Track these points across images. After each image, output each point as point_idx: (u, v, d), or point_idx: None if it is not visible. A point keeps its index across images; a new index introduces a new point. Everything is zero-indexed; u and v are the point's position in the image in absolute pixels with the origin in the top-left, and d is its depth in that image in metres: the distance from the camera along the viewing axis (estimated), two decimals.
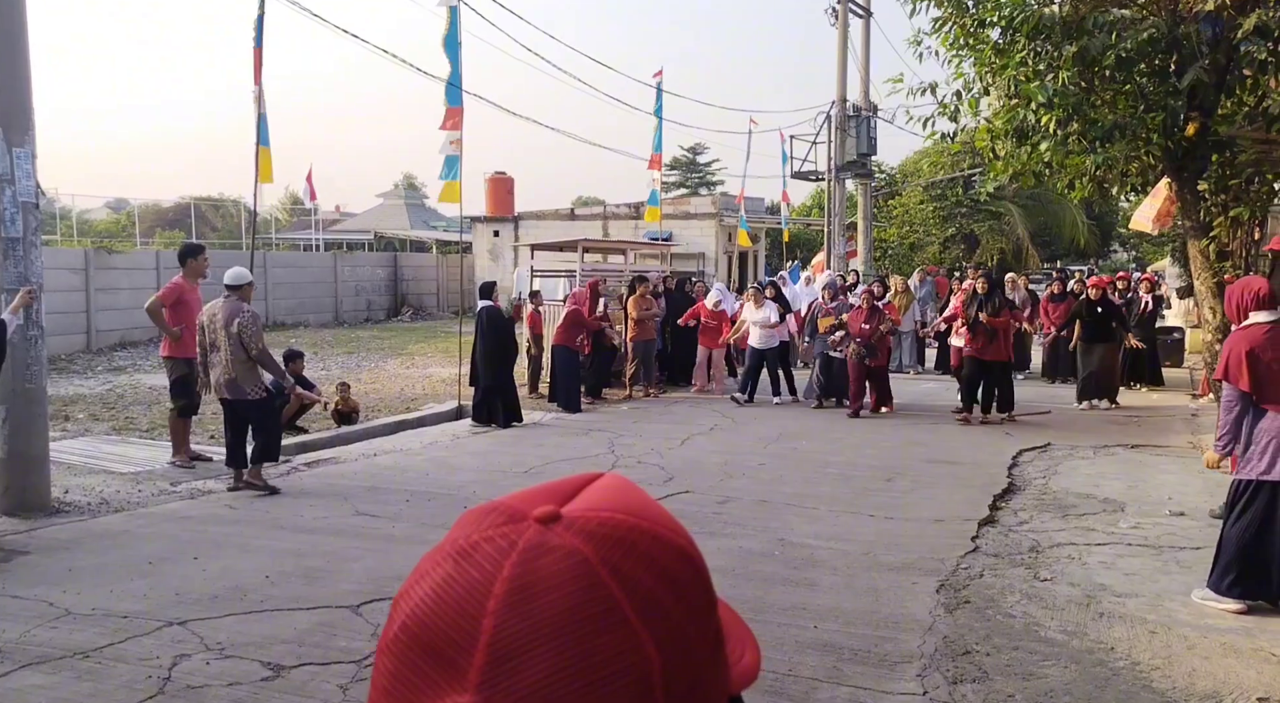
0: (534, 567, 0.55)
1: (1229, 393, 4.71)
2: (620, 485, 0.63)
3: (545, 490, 0.62)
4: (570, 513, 0.58)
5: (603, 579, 0.54)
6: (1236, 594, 4.68)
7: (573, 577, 0.54)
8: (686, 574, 0.59)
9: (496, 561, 0.56)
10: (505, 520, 0.58)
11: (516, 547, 0.56)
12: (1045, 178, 6.70)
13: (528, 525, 0.57)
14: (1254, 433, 4.65)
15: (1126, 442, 9.19)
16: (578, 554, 0.55)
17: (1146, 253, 38.82)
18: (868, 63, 21.60)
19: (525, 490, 0.62)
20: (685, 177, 52.70)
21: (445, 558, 0.58)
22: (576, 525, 0.57)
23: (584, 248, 19.52)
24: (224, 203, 42.58)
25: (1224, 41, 5.90)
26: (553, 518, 0.57)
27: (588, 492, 0.61)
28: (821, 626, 4.61)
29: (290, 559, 5.50)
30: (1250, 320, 4.74)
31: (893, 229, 31.79)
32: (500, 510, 0.59)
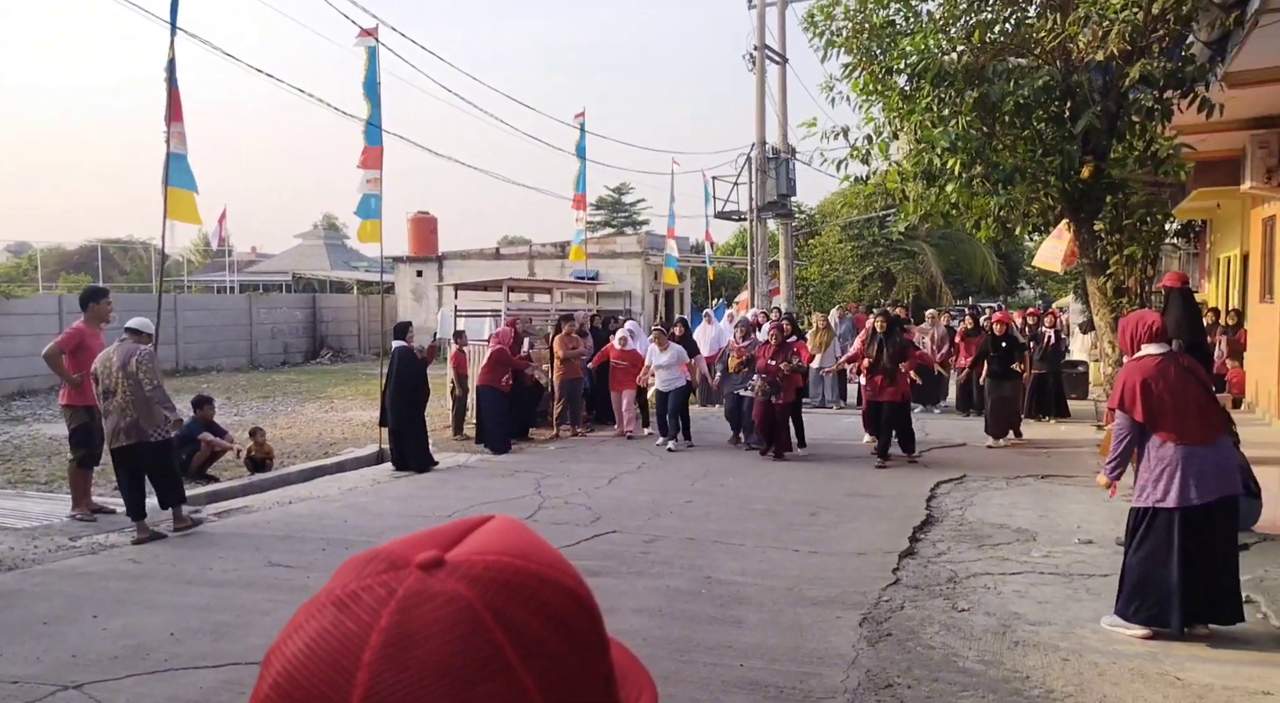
0: (413, 615, 0.53)
1: (1121, 421, 4.86)
2: (509, 527, 0.61)
3: (430, 535, 0.60)
4: (455, 558, 0.56)
5: (486, 625, 0.53)
6: (1141, 620, 4.82)
7: (454, 624, 0.53)
8: (576, 617, 0.57)
9: (374, 610, 0.54)
10: (385, 568, 0.56)
11: (395, 595, 0.54)
12: (953, 218, 6.95)
13: (409, 572, 0.55)
14: (1147, 462, 4.82)
15: (1037, 472, 9.47)
16: (460, 600, 0.54)
17: (1052, 289, 40.45)
18: (785, 107, 22.23)
19: (410, 536, 0.60)
20: (611, 216, 53.11)
21: (320, 610, 0.56)
22: (461, 570, 0.55)
23: (509, 287, 19.45)
24: (133, 245, 41.24)
25: (1113, 89, 6.24)
26: (436, 564, 0.56)
27: (475, 535, 0.60)
28: (747, 664, 4.60)
29: (197, 615, 5.27)
30: (1142, 352, 4.92)
31: (813, 267, 32.51)
32: (381, 557, 0.57)
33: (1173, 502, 4.70)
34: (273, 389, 19.41)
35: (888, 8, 6.99)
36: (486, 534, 0.60)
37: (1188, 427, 4.73)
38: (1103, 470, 5.11)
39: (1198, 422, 4.75)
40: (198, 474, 9.78)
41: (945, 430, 12.46)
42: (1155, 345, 4.92)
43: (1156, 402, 4.74)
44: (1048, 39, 6.17)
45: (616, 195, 52.78)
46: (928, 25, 6.78)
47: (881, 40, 6.60)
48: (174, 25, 8.70)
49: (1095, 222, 6.50)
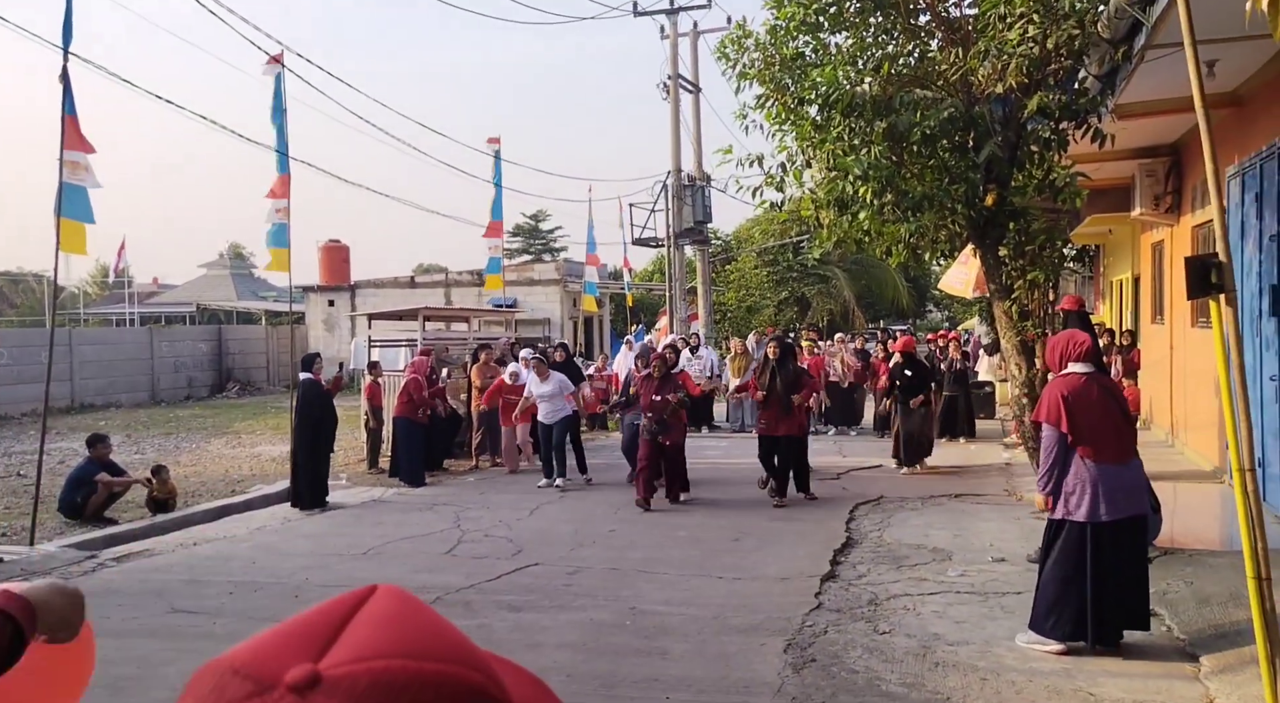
0: None
1: (1048, 435, 4.96)
2: (396, 611, 0.52)
3: (299, 632, 0.50)
4: (332, 672, 0.47)
5: None
6: (1058, 636, 4.93)
7: None
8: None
9: None
10: (251, 692, 0.47)
11: None
12: (865, 245, 7.11)
13: (279, 697, 0.46)
14: (1067, 475, 4.93)
15: (950, 492, 9.70)
16: None
17: (957, 312, 41.83)
18: (700, 134, 22.55)
19: (274, 634, 0.51)
20: (528, 243, 52.98)
21: None
22: (341, 689, 0.46)
23: (425, 316, 19.18)
24: (24, 277, 39.30)
25: (1013, 120, 6.49)
26: (310, 683, 0.46)
27: (355, 626, 0.51)
28: (674, 696, 4.55)
29: (97, 668, 4.95)
30: (1069, 369, 5.06)
31: (731, 293, 32.95)
32: (244, 674, 0.48)
33: (1083, 516, 4.84)
34: (176, 425, 18.63)
35: (796, 39, 7.14)
36: (368, 627, 0.50)
37: (1105, 445, 4.88)
38: (1036, 487, 5.16)
39: (1115, 441, 4.92)
40: (95, 517, 9.27)
41: (862, 453, 12.69)
42: (1081, 365, 5.05)
43: (1079, 418, 4.86)
44: (950, 72, 6.39)
45: (534, 222, 52.72)
46: (836, 57, 6.95)
47: (792, 72, 6.75)
48: (66, 48, 8.34)
49: (1000, 247, 6.74)
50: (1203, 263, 3.45)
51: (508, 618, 5.84)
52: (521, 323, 24.88)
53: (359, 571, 7.13)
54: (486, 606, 6.11)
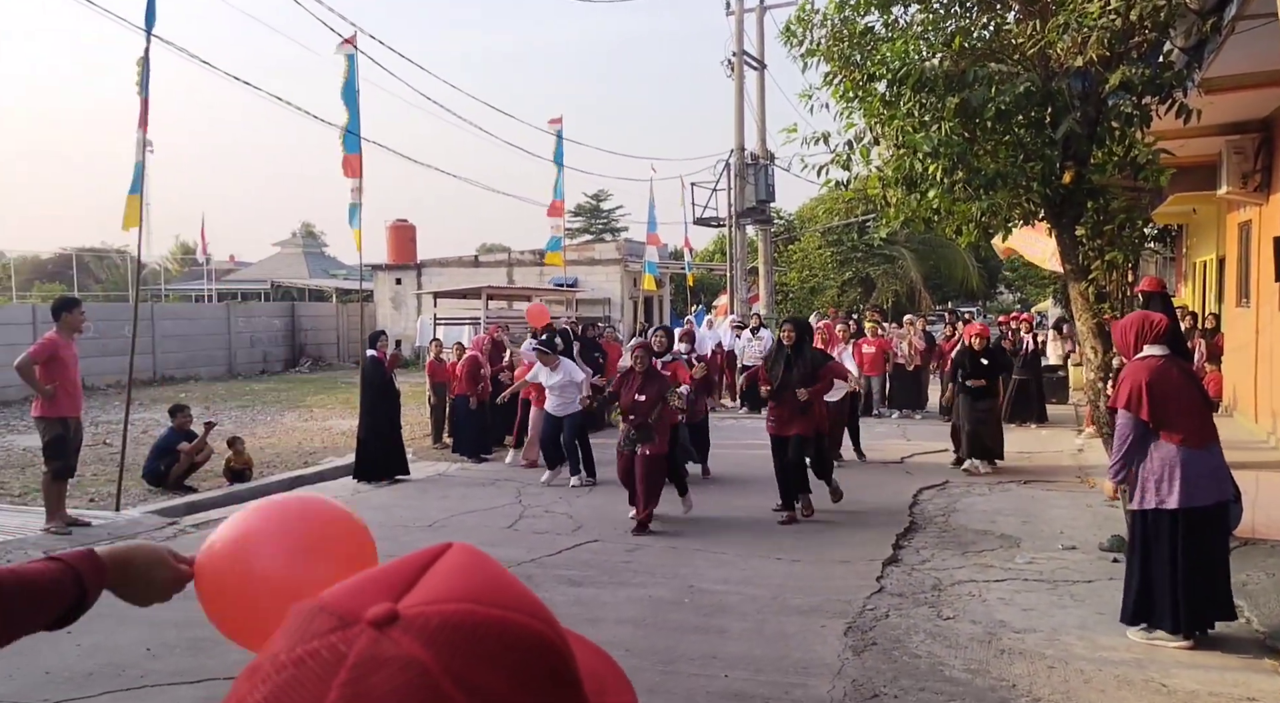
0: (367, 687, 0.48)
1: (1124, 422, 4.78)
2: (469, 563, 0.57)
3: (381, 578, 0.55)
4: (408, 611, 0.52)
5: (445, 693, 0.48)
6: (1167, 627, 4.75)
7: (410, 694, 0.48)
8: (545, 663, 0.54)
9: (323, 680, 0.49)
10: (335, 626, 0.51)
11: (346, 662, 0.49)
12: (934, 224, 6.95)
13: (359, 631, 0.50)
14: (1149, 463, 4.75)
15: (1020, 478, 9.50)
16: (416, 665, 0.49)
17: (1030, 294, 40.75)
18: (764, 112, 22.28)
19: (359, 578, 0.55)
20: (590, 222, 53.12)
21: (265, 679, 0.51)
22: (415, 626, 0.51)
23: (488, 295, 19.44)
24: (108, 253, 40.79)
25: (1093, 95, 6.26)
26: (388, 619, 0.51)
27: (431, 575, 0.55)
28: (733, 674, 4.56)
29: (173, 630, 5.16)
30: (1145, 352, 4.86)
31: (793, 273, 32.62)
32: (329, 612, 0.52)
33: (1175, 502, 4.65)
34: (252, 398, 19.21)
35: (866, 15, 7.00)
36: (444, 575, 0.55)
37: (1190, 430, 4.71)
38: (1107, 475, 4.98)
39: (1199, 425, 4.75)
40: (177, 485, 9.64)
41: (927, 436, 12.49)
42: (1158, 347, 4.86)
43: (1161, 403, 4.69)
44: (1027, 45, 6.19)
45: (595, 202, 52.82)
46: (907, 32, 6.79)
47: (861, 48, 6.61)
48: (149, 32, 8.59)
49: (1077, 227, 6.53)
50: None
51: (568, 592, 5.92)
52: (582, 302, 25.01)
53: (424, 542, 7.12)
54: (547, 580, 6.20)
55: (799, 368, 7.65)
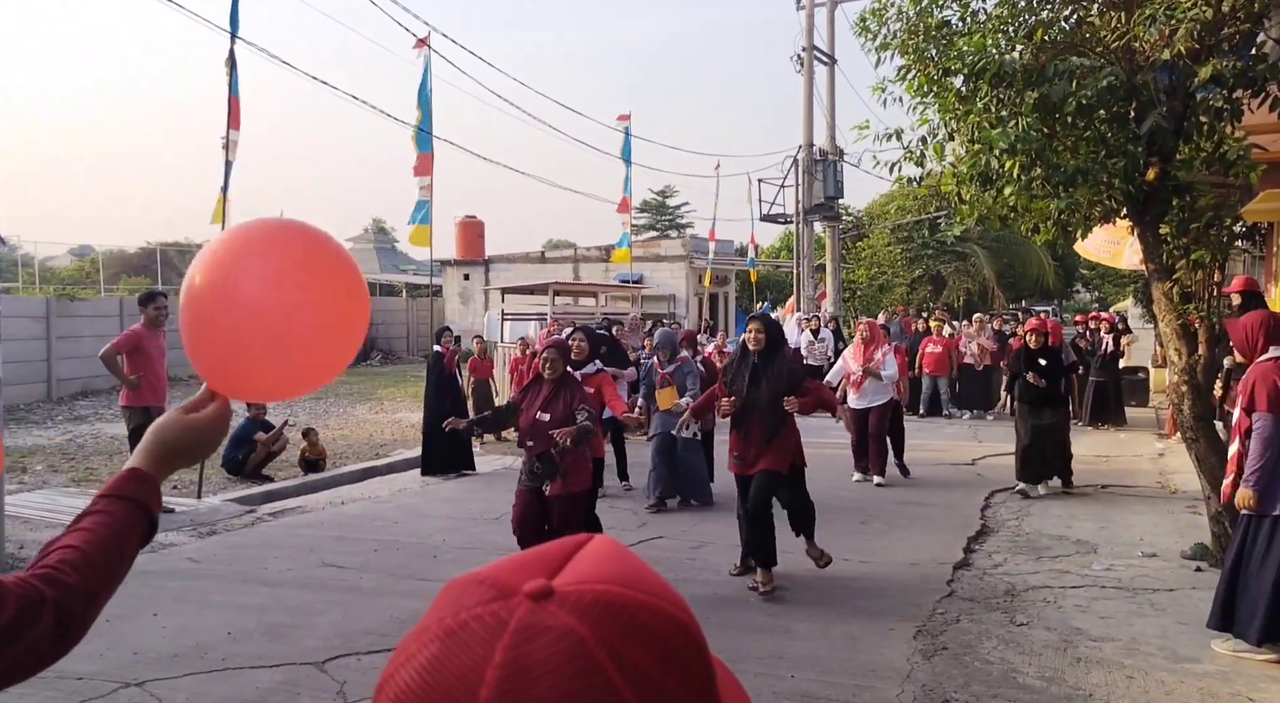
0: (528, 650, 0.52)
1: (1270, 424, 4.49)
2: (612, 552, 0.60)
3: (533, 559, 0.58)
4: (562, 587, 0.55)
5: (600, 663, 0.52)
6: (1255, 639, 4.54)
7: (569, 660, 0.51)
8: (686, 650, 0.56)
9: (487, 643, 0.52)
10: (494, 596, 0.55)
11: (508, 627, 0.53)
12: (1010, 221, 6.79)
13: (519, 602, 0.54)
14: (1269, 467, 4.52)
15: (1097, 482, 9.23)
16: (573, 635, 0.52)
17: (1109, 293, 39.53)
18: (833, 108, 22.02)
19: (511, 559, 0.59)
20: (655, 219, 53.12)
21: (432, 640, 0.54)
22: (570, 601, 0.54)
23: (554, 290, 19.60)
24: (191, 248, 42.22)
25: (1181, 89, 6.04)
26: (545, 594, 0.54)
27: (578, 560, 0.58)
28: (799, 675, 4.53)
29: (253, 614, 5.34)
30: (1273, 353, 4.66)
31: (861, 271, 32.14)
32: (488, 584, 0.56)
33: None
34: (324, 391, 19.71)
35: (944, 8, 6.86)
36: (591, 560, 0.58)
37: None
38: (1246, 484, 4.58)
39: None
40: (254, 474, 9.95)
41: (999, 438, 12.22)
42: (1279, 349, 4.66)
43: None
44: (1111, 38, 5.99)
45: (661, 199, 52.79)
46: (985, 25, 6.64)
47: (937, 41, 6.48)
48: (234, 33, 8.86)
49: (1161, 225, 6.30)
50: None
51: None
52: (647, 299, 25.04)
53: (492, 534, 7.39)
54: None
55: (769, 382, 5.77)
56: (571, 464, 5.62)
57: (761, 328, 5.96)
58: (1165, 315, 6.28)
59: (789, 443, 5.93)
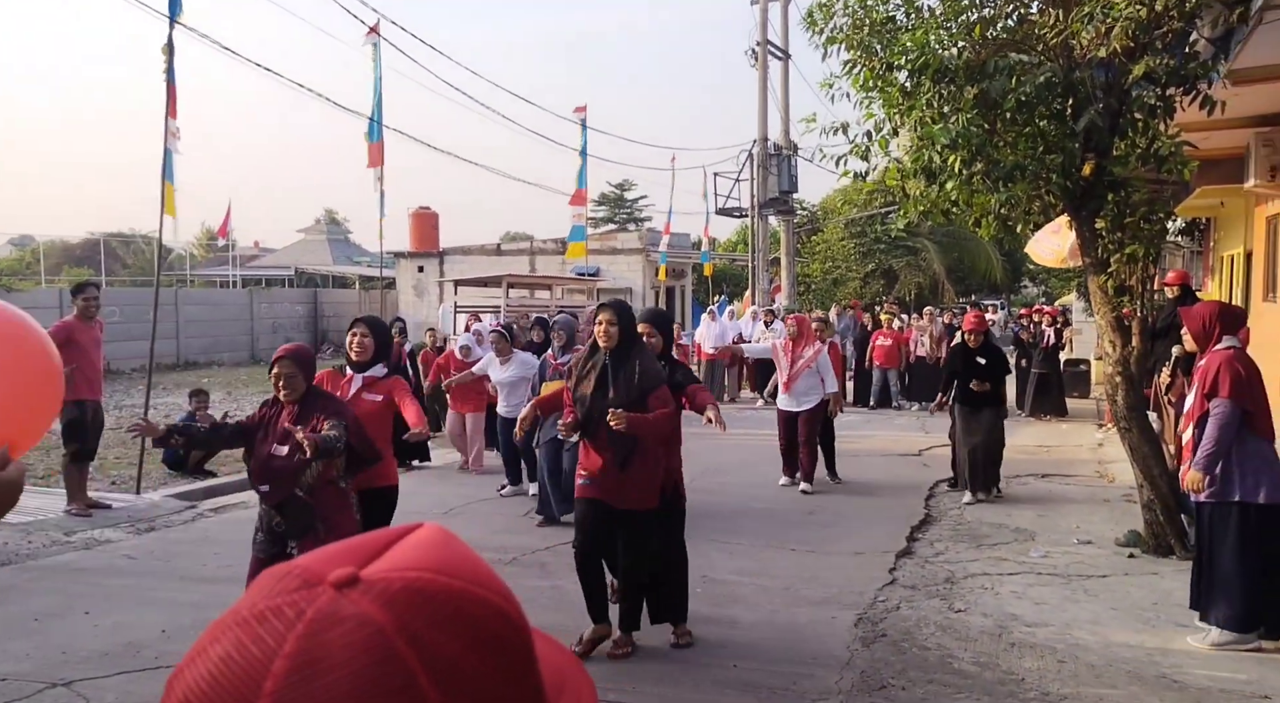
0: (321, 640, 0.50)
1: (1229, 411, 4.54)
2: (436, 539, 0.58)
3: (350, 548, 0.57)
4: (371, 575, 0.53)
5: (398, 652, 0.50)
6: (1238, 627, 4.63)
7: (364, 650, 0.50)
8: (501, 635, 0.55)
9: (280, 634, 0.51)
10: (299, 585, 0.53)
11: (304, 616, 0.51)
12: (953, 215, 6.88)
13: (321, 591, 0.52)
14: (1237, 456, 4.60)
15: (1037, 471, 9.43)
16: (371, 624, 0.51)
17: (1054, 287, 40.34)
18: (787, 103, 22.15)
19: (331, 547, 0.58)
20: (613, 212, 53.06)
21: (226, 631, 0.53)
22: (375, 589, 0.52)
23: (509, 283, 19.47)
24: (135, 239, 41.27)
25: (1116, 86, 6.17)
26: (350, 581, 0.53)
27: (398, 548, 0.57)
28: (741, 664, 4.57)
29: (190, 612, 5.24)
30: (1226, 343, 4.72)
31: (815, 264, 32.43)
32: (295, 574, 0.54)
33: (1264, 497, 4.52)
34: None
35: (888, 3, 6.92)
36: (409, 548, 0.57)
37: (1269, 424, 4.62)
38: (1196, 467, 4.62)
39: (1270, 418, 4.67)
40: (196, 469, 9.75)
41: (946, 430, 12.40)
42: (1235, 339, 4.75)
43: (1255, 395, 4.57)
44: (1050, 35, 6.10)
45: (619, 191, 52.73)
46: (929, 21, 6.71)
47: (882, 36, 6.54)
48: (173, 18, 8.65)
49: (1097, 219, 6.44)
50: None
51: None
52: (604, 291, 25.00)
53: None
54: (561, 568, 6.22)
55: (622, 386, 4.51)
56: (329, 508, 4.11)
57: (613, 319, 4.61)
58: (1100, 308, 6.42)
59: (653, 470, 4.56)
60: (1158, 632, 4.91)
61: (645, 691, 4.27)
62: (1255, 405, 4.58)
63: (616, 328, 4.64)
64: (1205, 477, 4.60)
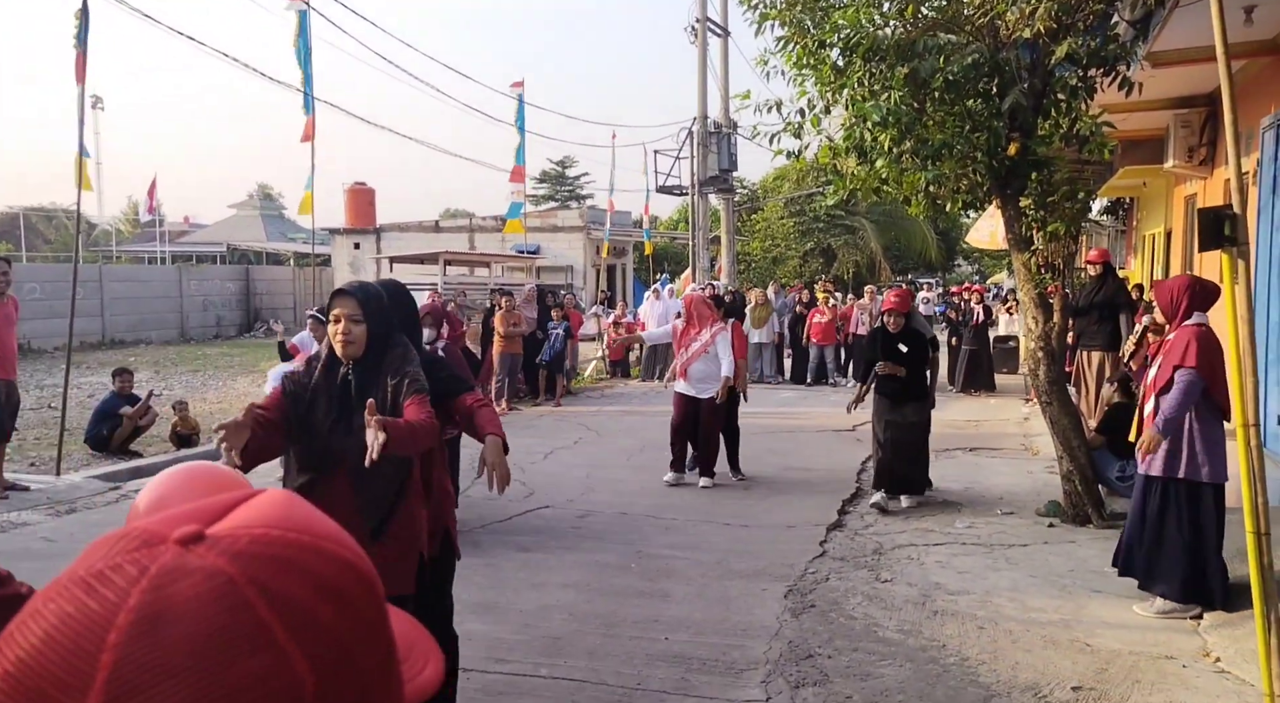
0: (167, 593, 0.49)
1: (1194, 381, 4.57)
2: (280, 501, 0.58)
3: (193, 511, 0.56)
4: (216, 532, 0.53)
5: (248, 600, 0.50)
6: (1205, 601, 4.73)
7: (213, 600, 0.50)
8: (351, 588, 0.55)
9: (123, 590, 0.50)
10: (139, 545, 0.53)
11: (149, 572, 0.50)
12: (884, 193, 6.99)
13: (165, 549, 0.52)
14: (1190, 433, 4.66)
15: (965, 445, 9.67)
16: (220, 575, 0.50)
17: (988, 266, 41.25)
18: (727, 80, 22.14)
19: (171, 512, 0.56)
20: (554, 189, 52.67)
21: (62, 592, 0.51)
22: (222, 545, 0.52)
23: (446, 260, 19.24)
24: (56, 213, 39.75)
25: (1040, 67, 6.30)
26: (195, 538, 0.52)
27: (241, 509, 0.57)
28: (673, 637, 4.62)
29: None
30: (1196, 319, 4.74)
31: (755, 243, 32.67)
32: (134, 535, 0.54)
33: (1206, 477, 4.64)
34: (203, 362, 18.92)
35: None
36: (254, 508, 0.57)
37: (1227, 400, 4.56)
38: (1155, 428, 4.64)
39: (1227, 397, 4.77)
40: (120, 450, 9.49)
41: None
42: (1202, 315, 4.75)
43: (1215, 371, 4.59)
44: (977, 16, 6.20)
45: (560, 169, 52.33)
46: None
47: (813, 13, 6.57)
48: None
49: (1021, 198, 6.60)
50: (1216, 214, 3.36)
51: (515, 557, 5.94)
52: (544, 269, 24.87)
53: None
54: (495, 545, 6.22)
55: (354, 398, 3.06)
56: None
57: (359, 314, 3.06)
58: (1023, 285, 6.59)
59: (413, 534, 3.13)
60: (1073, 597, 5.09)
61: (576, 664, 4.30)
62: (1214, 382, 4.60)
63: (364, 326, 3.06)
64: (1164, 439, 4.64)
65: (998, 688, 4.00)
